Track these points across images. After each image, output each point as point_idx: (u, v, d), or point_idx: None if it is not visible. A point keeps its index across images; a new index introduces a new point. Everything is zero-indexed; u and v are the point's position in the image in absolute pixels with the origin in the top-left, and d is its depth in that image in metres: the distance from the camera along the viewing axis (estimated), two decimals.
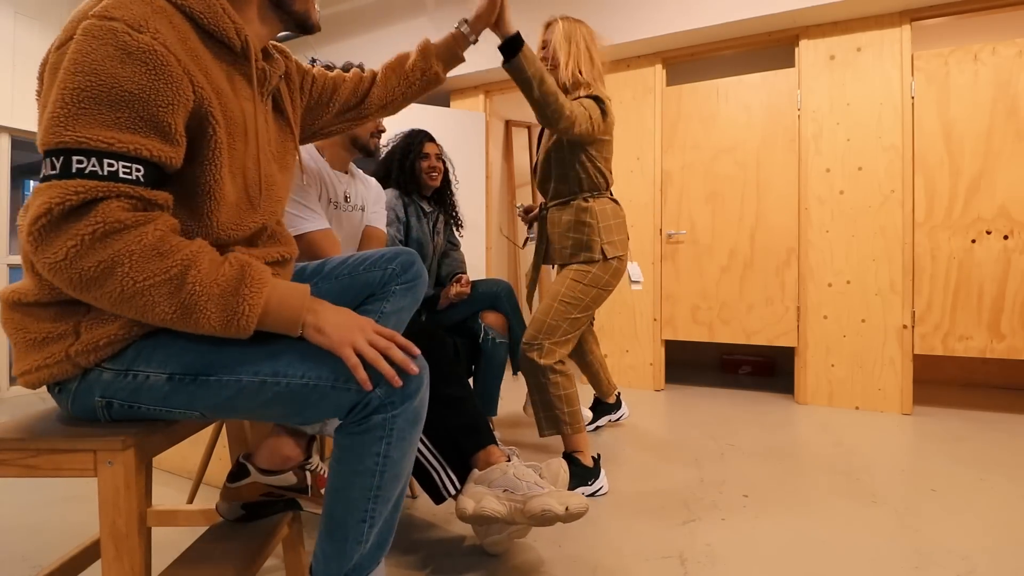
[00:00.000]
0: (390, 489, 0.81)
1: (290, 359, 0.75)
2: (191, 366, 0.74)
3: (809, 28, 2.89)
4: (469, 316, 2.00)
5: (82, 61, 0.64)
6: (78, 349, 0.72)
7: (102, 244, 0.64)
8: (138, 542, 0.74)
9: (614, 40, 3.15)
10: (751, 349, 3.81)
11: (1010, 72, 2.53)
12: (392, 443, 0.78)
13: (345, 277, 1.00)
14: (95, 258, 0.64)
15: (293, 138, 0.99)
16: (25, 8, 3.18)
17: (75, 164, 0.63)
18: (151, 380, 0.74)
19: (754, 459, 2.02)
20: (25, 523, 1.53)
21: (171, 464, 1.91)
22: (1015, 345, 2.52)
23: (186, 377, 0.74)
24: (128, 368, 0.75)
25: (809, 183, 2.89)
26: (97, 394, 0.75)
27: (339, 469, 0.80)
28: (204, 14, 0.76)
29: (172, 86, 0.68)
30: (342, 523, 0.80)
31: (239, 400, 0.75)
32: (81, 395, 0.76)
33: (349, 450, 0.78)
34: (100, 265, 0.64)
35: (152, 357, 0.75)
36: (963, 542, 1.38)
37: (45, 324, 0.73)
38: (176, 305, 0.68)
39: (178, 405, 0.76)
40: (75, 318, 0.73)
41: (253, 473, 0.93)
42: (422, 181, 2.01)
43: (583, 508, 1.15)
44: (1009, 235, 2.53)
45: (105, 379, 0.75)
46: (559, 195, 1.88)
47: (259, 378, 0.74)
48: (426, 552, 1.36)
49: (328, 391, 0.75)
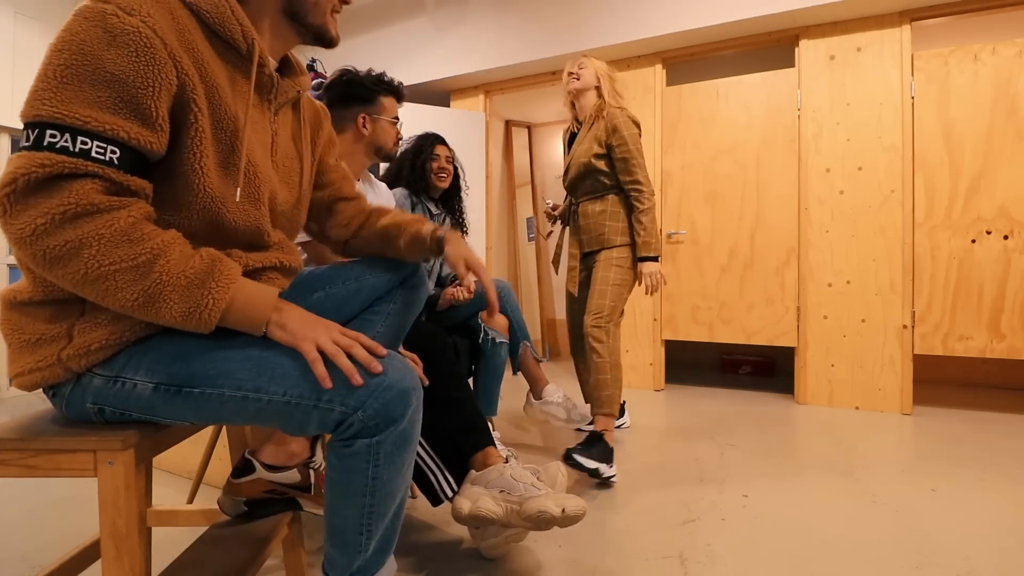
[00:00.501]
0: (385, 506, 0.80)
1: (272, 375, 0.73)
2: (176, 376, 0.73)
3: (809, 28, 2.89)
4: (469, 316, 2.00)
5: (69, 40, 0.64)
6: (70, 353, 0.72)
7: (72, 224, 0.63)
8: (138, 542, 0.74)
9: (614, 40, 3.15)
10: (751, 349, 3.81)
11: (1010, 72, 2.53)
12: (381, 465, 0.76)
13: (352, 281, 1.00)
14: (62, 237, 0.63)
15: (307, 164, 0.98)
16: (25, 8, 3.18)
17: (48, 137, 0.63)
18: (138, 389, 0.74)
19: (754, 459, 2.02)
20: (25, 523, 1.53)
21: (171, 464, 1.91)
22: (1015, 345, 2.52)
23: (171, 388, 0.73)
24: (117, 375, 0.74)
25: (809, 183, 2.89)
26: (89, 400, 0.75)
27: (332, 487, 0.79)
28: (211, 13, 0.76)
29: (155, 69, 0.67)
30: (341, 533, 0.80)
31: (223, 413, 0.75)
32: (74, 400, 0.76)
33: (339, 470, 0.77)
34: (67, 245, 0.63)
35: (140, 365, 0.74)
36: (963, 542, 1.38)
37: (39, 325, 0.73)
38: (139, 293, 0.67)
39: (165, 415, 0.76)
40: (69, 320, 0.73)
41: (258, 469, 0.93)
42: (431, 181, 2.04)
43: (580, 511, 1.14)
44: (1009, 235, 2.53)
45: (96, 385, 0.74)
46: (594, 191, 2.09)
47: (241, 393, 0.73)
48: (425, 554, 1.36)
49: (311, 409, 0.73)
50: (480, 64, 3.56)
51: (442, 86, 3.87)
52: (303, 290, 0.95)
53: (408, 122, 2.47)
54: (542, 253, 4.78)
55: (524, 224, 4.75)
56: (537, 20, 3.39)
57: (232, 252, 0.82)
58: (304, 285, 0.96)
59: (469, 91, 3.89)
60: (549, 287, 4.77)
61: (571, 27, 3.28)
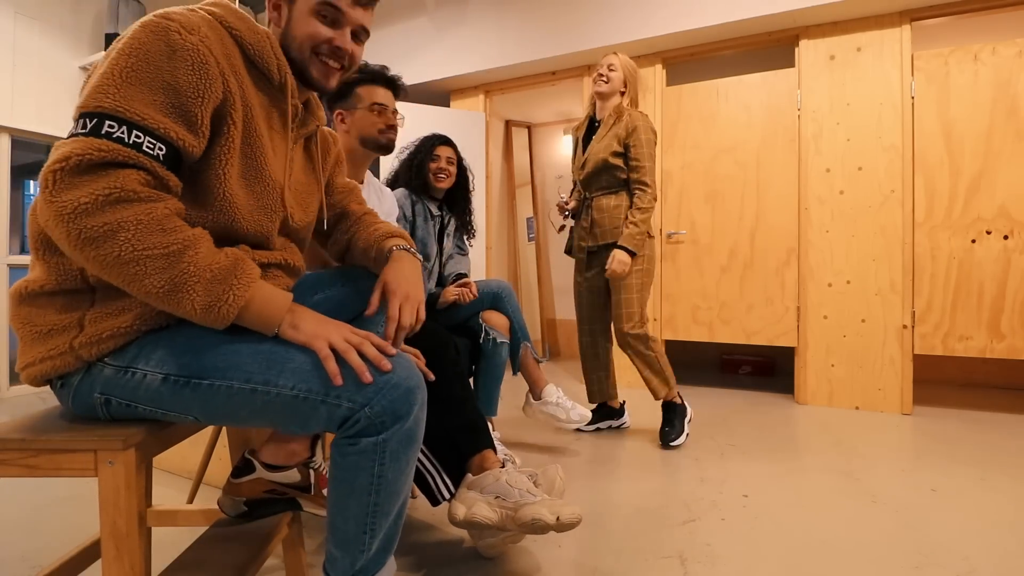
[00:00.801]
0: (389, 504, 0.81)
1: (282, 369, 0.75)
2: (186, 368, 0.75)
3: (809, 28, 2.89)
4: (470, 316, 2.00)
5: (136, 47, 0.71)
6: (82, 341, 0.74)
7: (112, 208, 0.67)
8: (138, 542, 0.74)
9: (614, 40, 3.15)
10: (751, 349, 3.81)
11: (1010, 72, 2.53)
12: (386, 464, 0.77)
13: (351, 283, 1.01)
14: (102, 219, 0.66)
15: (319, 188, 1.03)
16: (25, 8, 3.18)
17: (106, 127, 0.68)
18: (148, 379, 0.75)
19: (754, 459, 2.02)
20: (25, 523, 1.53)
21: (171, 464, 1.91)
22: (1015, 345, 2.52)
23: (180, 379, 0.75)
24: (128, 365, 0.76)
25: (809, 183, 2.89)
26: (97, 390, 0.76)
27: (336, 485, 0.80)
28: (252, 45, 0.83)
29: (207, 82, 0.74)
30: (343, 531, 0.81)
31: (230, 406, 0.76)
32: (82, 391, 0.77)
33: (344, 468, 0.78)
34: (105, 226, 0.67)
35: (152, 356, 0.76)
36: (963, 542, 1.38)
37: (51, 316, 0.75)
38: (166, 281, 0.70)
39: (172, 408, 0.77)
40: (80, 310, 0.75)
41: (258, 468, 0.93)
42: (429, 181, 2.03)
43: (575, 518, 1.13)
44: (1009, 235, 2.53)
45: (106, 375, 0.76)
46: (609, 187, 2.22)
47: (249, 386, 0.74)
48: (425, 554, 1.36)
49: (318, 404, 0.75)
50: (480, 64, 3.56)
51: (442, 86, 3.87)
52: (304, 292, 0.96)
53: (408, 122, 2.46)
54: (542, 253, 4.78)
55: (524, 224, 4.75)
56: (537, 20, 3.39)
57: (240, 247, 0.84)
58: (306, 287, 0.98)
59: (469, 91, 3.89)
60: (549, 287, 4.77)
61: (571, 27, 3.28)
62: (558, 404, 2.07)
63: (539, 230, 4.74)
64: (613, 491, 1.74)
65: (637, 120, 2.13)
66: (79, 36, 3.43)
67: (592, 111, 2.34)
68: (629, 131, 2.13)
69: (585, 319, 2.38)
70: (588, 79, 3.45)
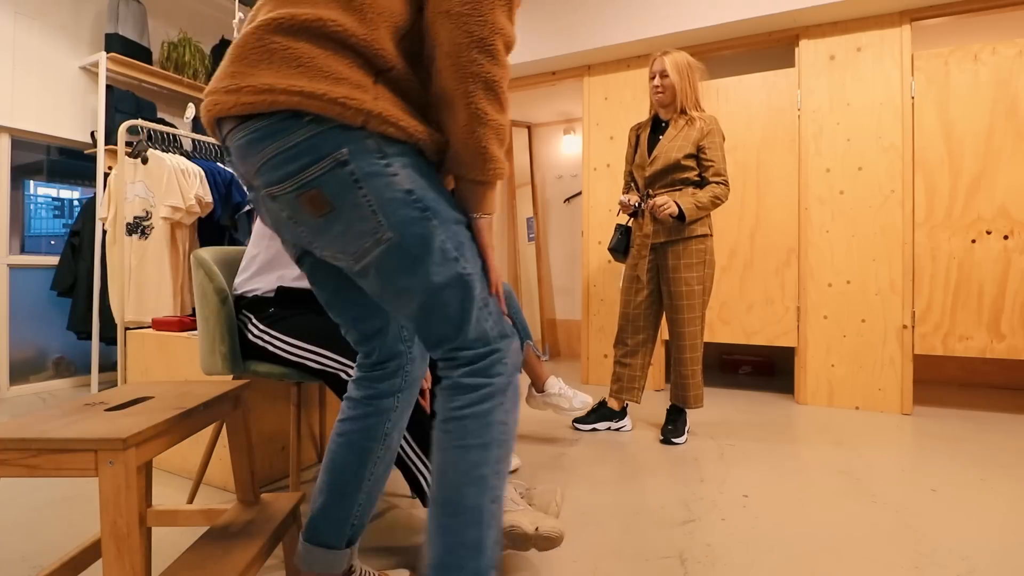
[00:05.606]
0: (507, 461, 0.81)
1: (472, 254, 0.80)
2: (423, 198, 0.76)
3: (809, 28, 2.89)
4: None
5: None
6: (371, 108, 0.71)
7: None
8: (138, 542, 0.74)
9: (614, 40, 3.15)
10: (751, 349, 3.81)
11: (1010, 72, 2.53)
12: (509, 410, 0.80)
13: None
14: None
15: None
16: (25, 8, 3.18)
17: None
18: (397, 180, 0.74)
19: (754, 459, 2.02)
20: (25, 523, 1.53)
21: (171, 464, 1.91)
22: (1015, 345, 2.52)
23: (418, 203, 0.75)
24: (386, 153, 0.74)
25: (809, 183, 2.89)
26: (344, 147, 0.71)
27: (460, 453, 0.77)
28: None
29: None
30: (476, 510, 0.76)
31: (431, 261, 0.76)
32: (318, 143, 0.71)
33: (471, 428, 0.77)
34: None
35: (407, 165, 0.76)
36: (963, 542, 1.38)
37: (338, 65, 0.71)
38: (497, 106, 0.76)
39: (395, 226, 0.74)
40: (372, 74, 0.74)
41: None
42: None
43: (555, 533, 1.09)
44: (1009, 235, 2.53)
45: (368, 145, 0.72)
46: (673, 185, 2.25)
47: (452, 244, 0.78)
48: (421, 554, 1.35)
49: (474, 308, 0.78)
50: None
51: None
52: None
53: None
54: (542, 253, 4.78)
55: (524, 224, 4.75)
56: (537, 20, 3.39)
57: None
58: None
59: None
60: (549, 287, 4.77)
61: (571, 27, 3.28)
62: (560, 394, 2.13)
63: (539, 230, 4.74)
64: (613, 491, 1.74)
65: (711, 124, 2.22)
66: (79, 36, 3.42)
67: (655, 111, 2.37)
68: (704, 133, 2.21)
69: (630, 316, 2.37)
70: (588, 79, 3.46)
